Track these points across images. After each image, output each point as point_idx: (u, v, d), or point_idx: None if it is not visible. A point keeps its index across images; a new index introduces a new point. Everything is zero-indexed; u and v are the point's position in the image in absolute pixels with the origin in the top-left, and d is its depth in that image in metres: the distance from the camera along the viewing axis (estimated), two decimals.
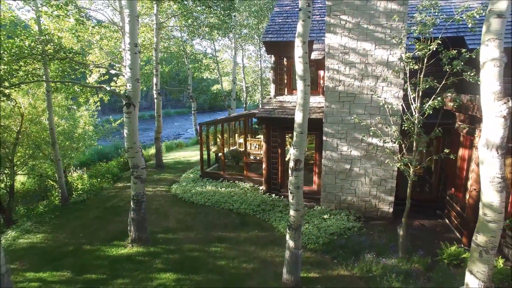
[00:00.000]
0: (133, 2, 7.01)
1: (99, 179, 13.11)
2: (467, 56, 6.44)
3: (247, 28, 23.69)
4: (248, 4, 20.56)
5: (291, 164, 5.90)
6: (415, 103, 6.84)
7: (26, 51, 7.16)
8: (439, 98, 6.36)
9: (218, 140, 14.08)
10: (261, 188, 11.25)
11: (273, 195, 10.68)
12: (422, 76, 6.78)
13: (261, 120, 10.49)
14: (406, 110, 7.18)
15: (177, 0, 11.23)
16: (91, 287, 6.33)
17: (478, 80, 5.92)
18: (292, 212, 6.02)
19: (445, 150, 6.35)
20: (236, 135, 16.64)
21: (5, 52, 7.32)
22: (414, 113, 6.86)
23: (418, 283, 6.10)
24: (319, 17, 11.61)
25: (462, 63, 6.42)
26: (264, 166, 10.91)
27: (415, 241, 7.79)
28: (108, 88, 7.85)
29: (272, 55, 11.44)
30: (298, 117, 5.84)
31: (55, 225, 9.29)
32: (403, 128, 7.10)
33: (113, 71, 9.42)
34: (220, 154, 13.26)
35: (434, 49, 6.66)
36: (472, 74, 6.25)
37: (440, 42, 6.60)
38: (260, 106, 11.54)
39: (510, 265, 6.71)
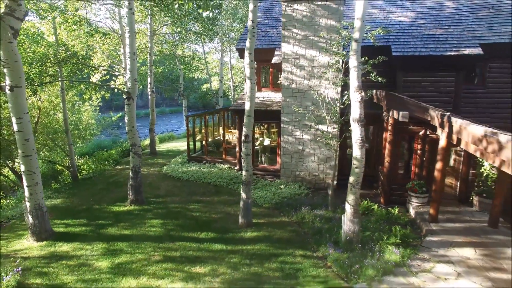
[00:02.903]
0: (132, 22, 9.50)
1: (101, 164, 15.59)
2: (372, 62, 8.82)
3: (233, 31, 26.16)
4: (232, 13, 23.09)
5: (242, 138, 8.44)
6: (336, 96, 9.42)
7: (52, 58, 9.62)
8: (346, 92, 8.85)
9: (202, 130, 16.59)
10: (235, 168, 13.77)
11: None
12: (341, 76, 9.34)
13: (234, 112, 13.02)
14: (332, 103, 9.76)
15: (168, 13, 13.63)
16: (101, 227, 8.83)
17: (377, 78, 8.48)
18: (244, 172, 8.56)
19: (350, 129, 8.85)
20: (221, 128, 19.16)
21: (34, 59, 9.79)
22: (336, 104, 9.43)
23: (332, 223, 8.62)
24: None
25: (370, 67, 8.84)
26: (237, 149, 13.45)
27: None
28: (112, 86, 10.34)
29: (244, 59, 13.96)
30: (247, 106, 8.37)
31: (70, 194, 11.80)
32: (330, 115, 9.68)
33: (116, 73, 11.83)
34: (203, 142, 15.78)
35: None
36: (374, 74, 8.65)
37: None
38: (234, 101, 14.06)
39: (405, 213, 9.31)
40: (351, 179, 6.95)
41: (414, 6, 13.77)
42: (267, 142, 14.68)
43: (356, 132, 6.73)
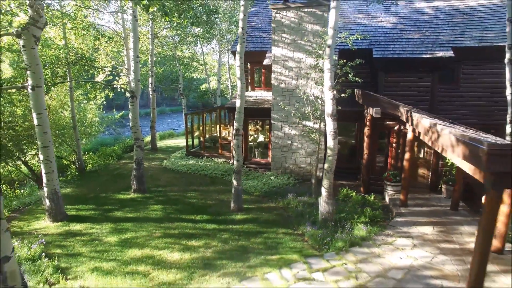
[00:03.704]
0: (136, 28, 10.58)
1: (105, 158, 16.69)
2: (350, 64, 9.83)
3: (231, 33, 27.25)
4: (229, 15, 24.19)
5: (234, 131, 9.51)
6: (320, 95, 10.49)
7: (63, 60, 10.71)
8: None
9: (200, 127, 17.70)
10: (230, 161, 14.85)
11: None
12: (322, 77, 10.38)
13: (229, 109, 14.09)
14: (315, 101, 10.83)
15: (168, 19, 14.69)
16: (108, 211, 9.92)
17: (355, 79, 9.51)
18: (235, 162, 9.64)
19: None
20: (218, 125, 20.26)
21: (48, 61, 10.88)
22: (318, 102, 10.51)
23: (313, 207, 9.68)
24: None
25: (349, 69, 9.86)
26: (232, 144, 14.51)
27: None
28: (116, 86, 11.42)
29: None
30: (238, 103, 9.44)
31: (78, 184, 12.89)
32: (313, 112, 10.75)
33: (120, 74, 12.91)
34: (201, 138, 16.88)
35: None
36: (351, 75, 9.68)
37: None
38: (230, 100, 15.14)
39: (381, 200, 10.36)
40: (326, 166, 8.03)
41: (396, 12, 14.84)
42: (261, 138, 15.73)
43: (330, 125, 7.80)
